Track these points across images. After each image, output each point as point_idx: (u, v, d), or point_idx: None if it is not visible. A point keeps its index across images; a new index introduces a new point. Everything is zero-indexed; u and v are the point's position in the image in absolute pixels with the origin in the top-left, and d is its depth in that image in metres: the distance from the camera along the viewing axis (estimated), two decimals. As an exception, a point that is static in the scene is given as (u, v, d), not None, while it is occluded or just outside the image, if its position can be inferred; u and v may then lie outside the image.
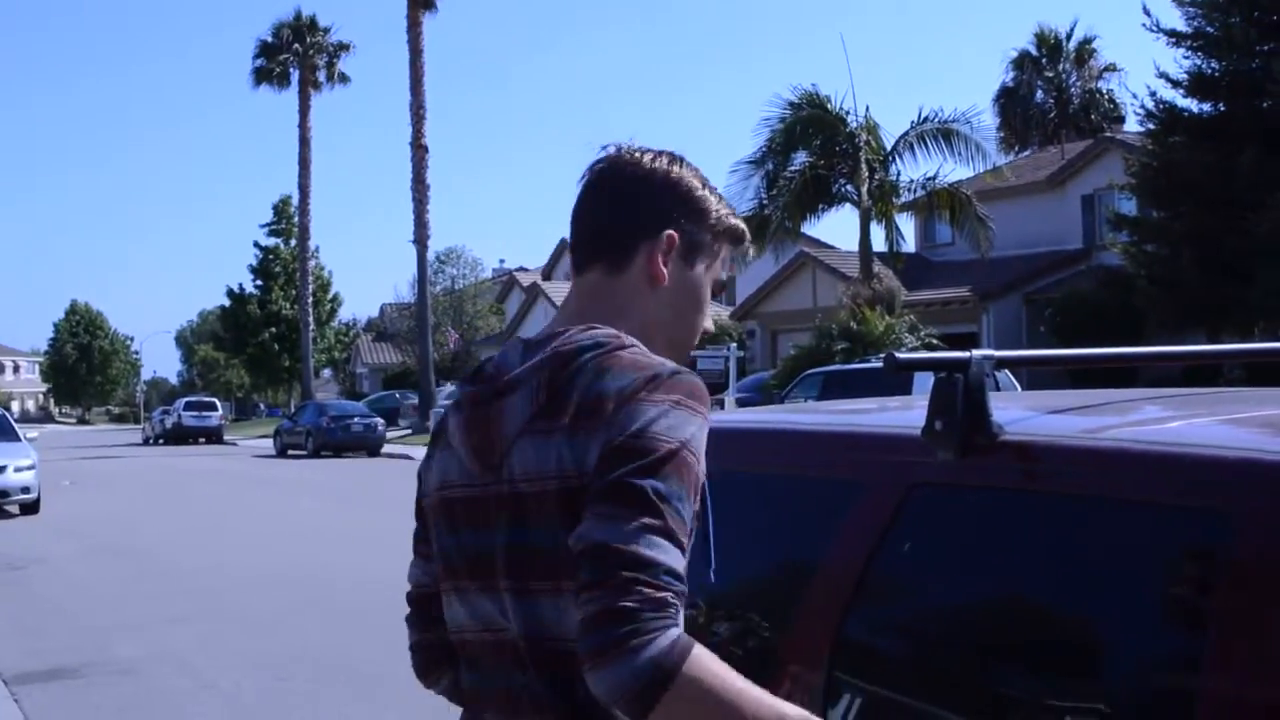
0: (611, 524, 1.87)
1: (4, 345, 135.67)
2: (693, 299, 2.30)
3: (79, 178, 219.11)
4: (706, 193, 2.31)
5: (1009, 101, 56.73)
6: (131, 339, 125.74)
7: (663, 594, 1.83)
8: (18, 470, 23.05)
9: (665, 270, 2.24)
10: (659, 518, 1.87)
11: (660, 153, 2.33)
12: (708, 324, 2.37)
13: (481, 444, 2.13)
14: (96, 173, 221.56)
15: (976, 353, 2.46)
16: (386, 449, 42.50)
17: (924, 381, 2.60)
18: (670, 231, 2.24)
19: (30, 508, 23.37)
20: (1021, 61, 57.34)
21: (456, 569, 2.20)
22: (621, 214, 2.28)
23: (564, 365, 2.08)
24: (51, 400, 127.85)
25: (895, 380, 14.23)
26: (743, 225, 2.37)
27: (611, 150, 2.34)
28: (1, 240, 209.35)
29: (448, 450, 2.23)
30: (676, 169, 2.30)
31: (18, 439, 24.43)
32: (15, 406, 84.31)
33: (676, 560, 1.87)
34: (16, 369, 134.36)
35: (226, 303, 76.84)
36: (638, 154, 2.31)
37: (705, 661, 1.82)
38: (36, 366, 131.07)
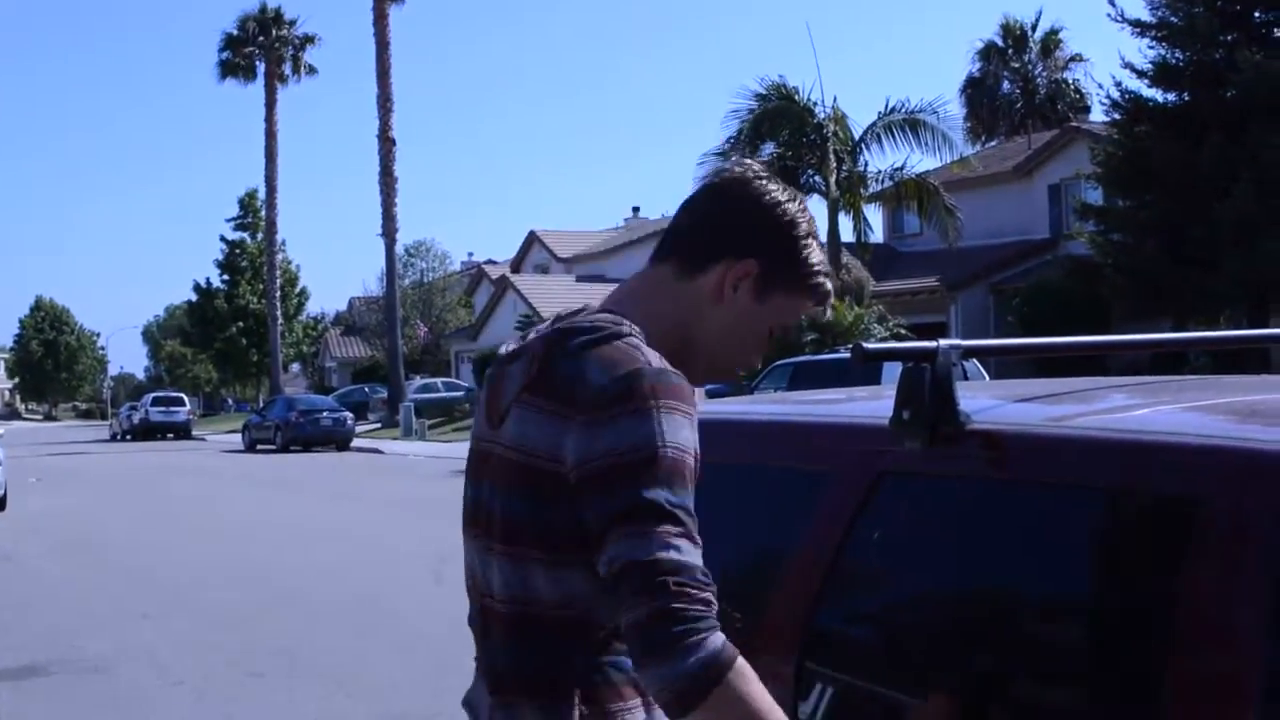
0: (642, 541, 1.95)
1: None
2: (748, 331, 2.31)
3: (40, 171, 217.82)
4: (811, 242, 2.32)
5: (976, 92, 56.92)
6: (98, 335, 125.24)
7: (705, 593, 1.94)
8: (-18, 467, 22.93)
9: (731, 293, 2.26)
10: (679, 524, 1.97)
11: (787, 189, 2.34)
12: (755, 360, 2.41)
13: (491, 403, 2.27)
14: (59, 166, 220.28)
15: (944, 342, 2.47)
16: (356, 443, 42.43)
17: (892, 371, 2.60)
18: (753, 259, 2.26)
19: (-4, 504, 23.25)
20: (988, 52, 57.54)
21: (468, 518, 2.33)
22: (722, 224, 2.31)
23: (557, 343, 2.16)
24: (17, 397, 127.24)
25: (864, 370, 14.27)
26: (830, 289, 2.39)
27: (746, 167, 2.38)
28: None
29: (479, 407, 2.36)
30: (793, 209, 2.31)
31: (-13, 435, 24.31)
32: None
33: (702, 561, 1.98)
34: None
35: (193, 298, 76.44)
36: (766, 180, 2.33)
37: (747, 669, 1.93)
38: (2, 363, 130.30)
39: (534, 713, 2.17)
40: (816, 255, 2.33)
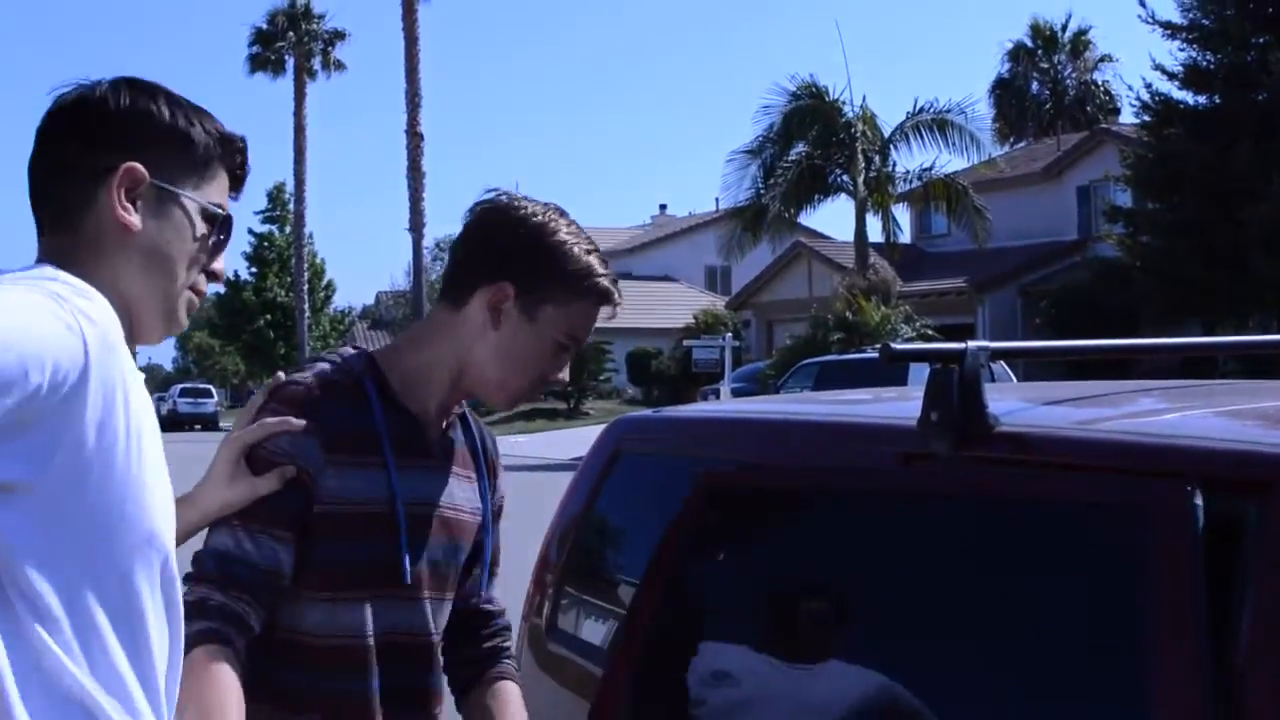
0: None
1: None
2: (526, 350, 2.36)
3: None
4: (569, 249, 2.32)
5: (1004, 93, 56.77)
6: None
7: None
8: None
9: (497, 317, 2.30)
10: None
11: (540, 205, 2.37)
12: (553, 374, 2.42)
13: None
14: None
15: (972, 344, 2.46)
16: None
17: (920, 372, 2.59)
18: (506, 281, 2.29)
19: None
20: (1017, 53, 57.37)
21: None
22: (473, 254, 2.37)
23: None
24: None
25: (891, 371, 14.21)
26: (607, 285, 2.37)
27: (497, 194, 2.40)
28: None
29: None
30: (539, 222, 2.32)
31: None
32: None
33: None
34: None
35: (221, 290, 76.69)
36: (514, 203, 2.37)
37: None
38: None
39: None
40: (577, 260, 2.32)
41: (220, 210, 1.91)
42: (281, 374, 2.37)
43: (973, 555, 2.56)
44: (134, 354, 1.83)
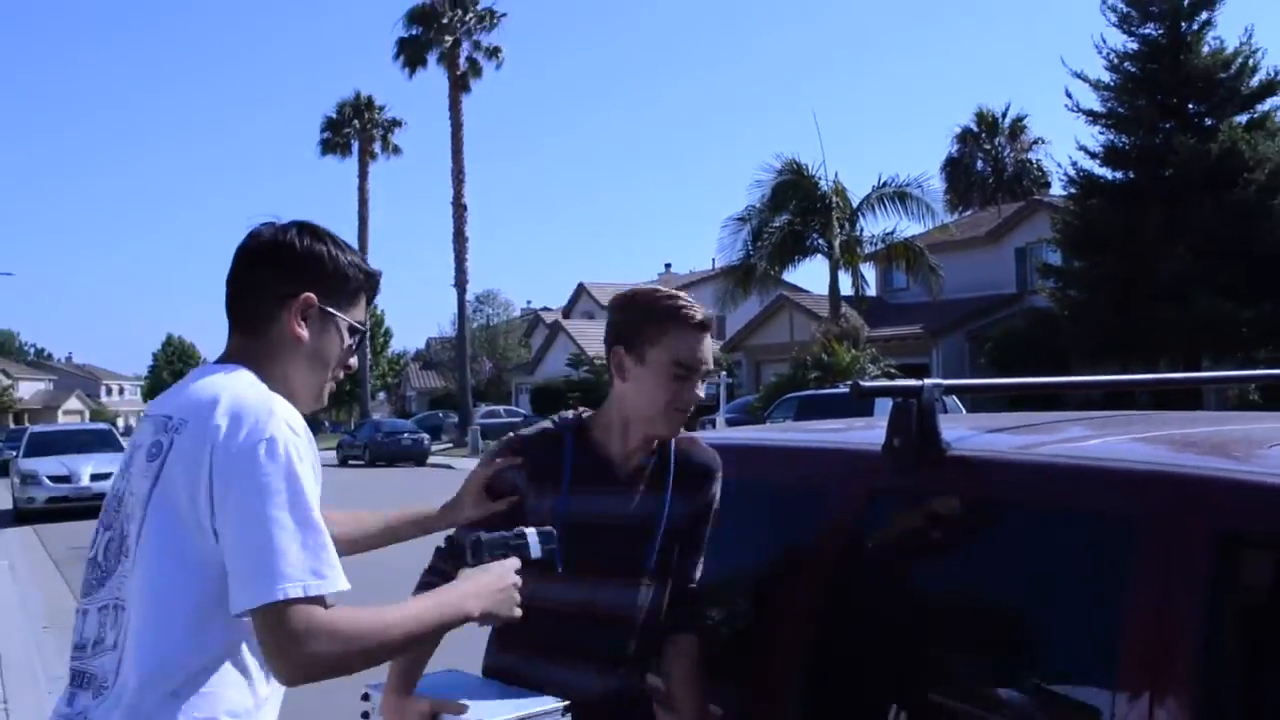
0: None
1: (111, 370, 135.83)
2: (649, 391, 2.56)
3: (173, 229, 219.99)
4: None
5: (954, 169, 56.76)
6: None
7: None
8: (122, 476, 23.11)
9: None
10: None
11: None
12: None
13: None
14: (188, 227, 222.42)
15: (928, 381, 2.47)
16: (431, 460, 42.45)
17: (884, 405, 2.61)
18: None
19: (133, 508, 23.38)
20: (964, 136, 57.41)
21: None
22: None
23: None
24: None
25: (859, 404, 14.21)
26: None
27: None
28: (108, 281, 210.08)
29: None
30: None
31: (122, 449, 24.50)
32: (120, 423, 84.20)
33: None
34: (121, 391, 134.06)
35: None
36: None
37: None
38: (139, 389, 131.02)
39: None
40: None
41: (361, 326, 2.23)
42: (511, 434, 2.74)
43: (921, 551, 2.58)
44: None
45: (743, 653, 2.73)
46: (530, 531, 2.41)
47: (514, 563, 2.28)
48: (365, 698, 2.51)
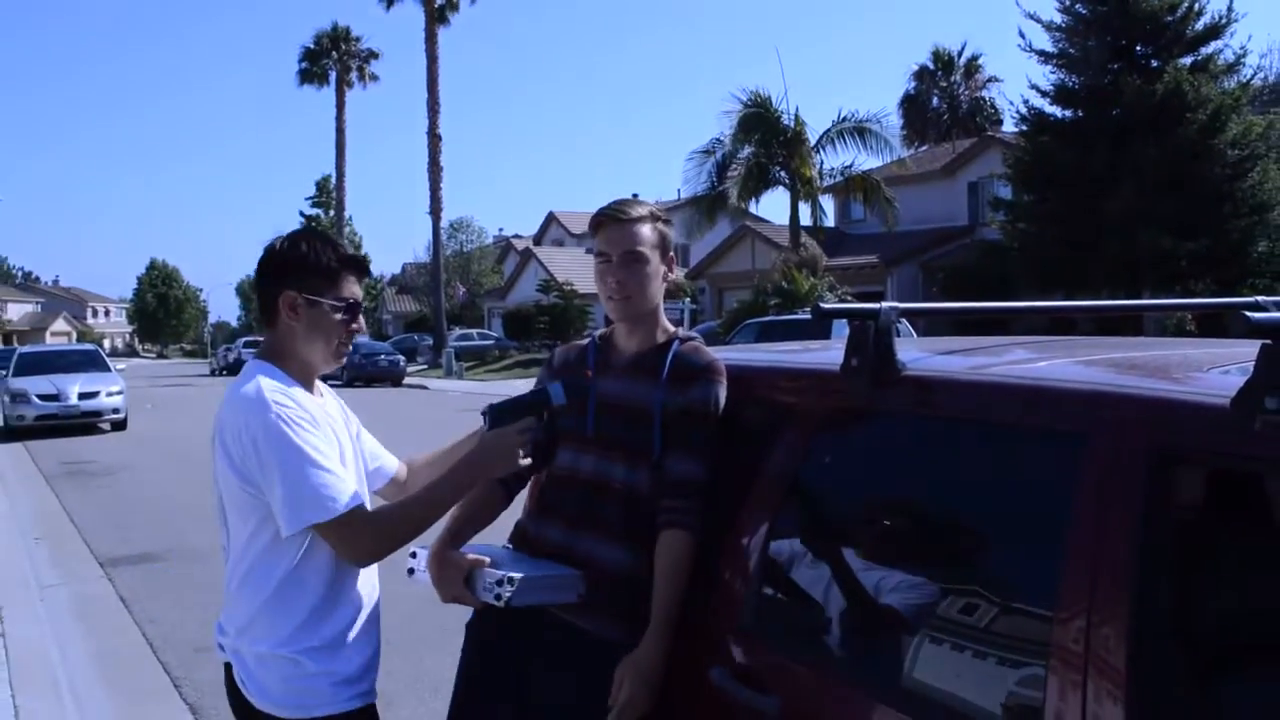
0: None
1: (97, 293, 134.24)
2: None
3: (157, 159, 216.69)
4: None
5: (911, 106, 56.49)
6: (200, 289, 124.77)
7: None
8: (109, 395, 23.10)
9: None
10: None
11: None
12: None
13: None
14: (172, 155, 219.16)
15: (885, 305, 2.48)
16: (407, 380, 42.37)
17: (840, 329, 2.61)
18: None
19: (120, 425, 23.39)
20: (921, 74, 57.09)
21: None
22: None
23: None
24: (135, 339, 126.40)
25: (818, 327, 14.28)
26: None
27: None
28: (95, 206, 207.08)
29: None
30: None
31: (109, 370, 24.44)
32: (106, 344, 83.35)
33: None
34: (107, 313, 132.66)
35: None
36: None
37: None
38: (123, 311, 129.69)
39: None
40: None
41: (342, 302, 2.69)
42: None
43: (875, 467, 2.60)
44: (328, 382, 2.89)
45: (705, 564, 2.76)
46: (548, 384, 2.79)
47: (525, 422, 2.73)
48: (413, 555, 2.82)
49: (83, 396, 22.59)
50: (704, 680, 2.58)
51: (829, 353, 2.82)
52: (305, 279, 2.66)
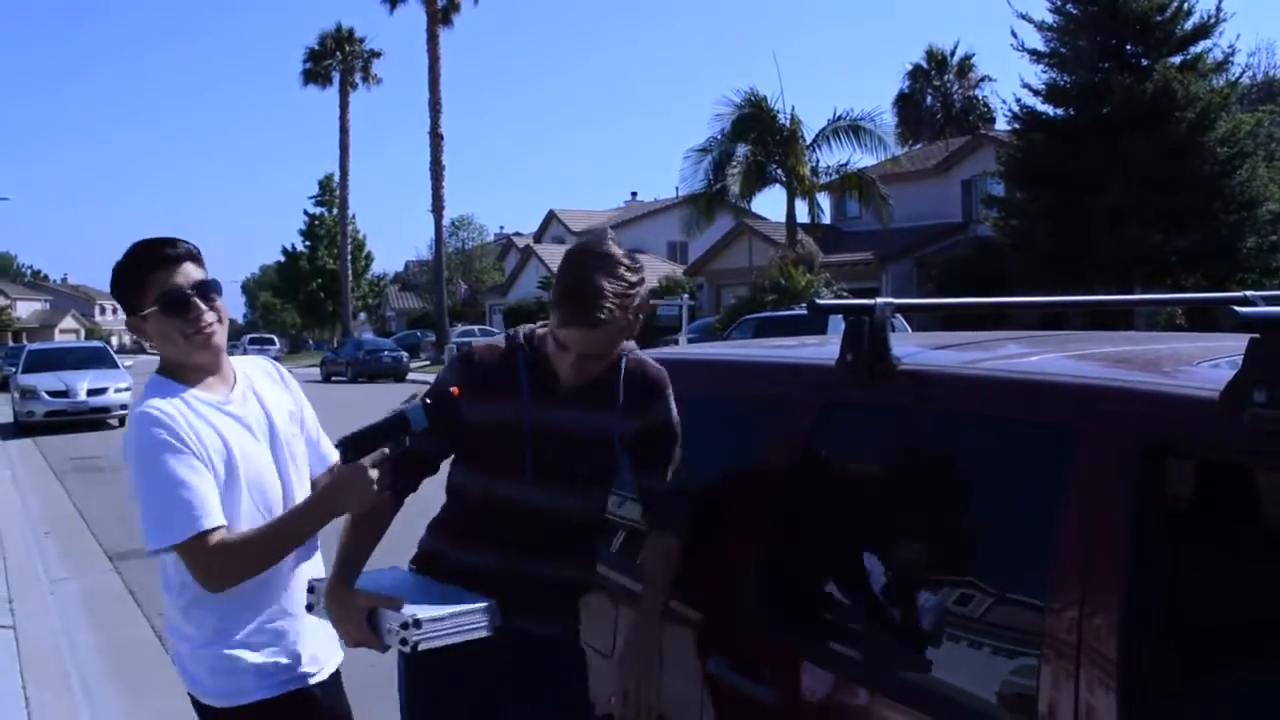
0: None
1: (104, 290, 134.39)
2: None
3: (167, 161, 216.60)
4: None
5: (905, 104, 56.44)
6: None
7: None
8: (117, 391, 23.08)
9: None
10: None
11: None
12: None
13: None
14: (184, 156, 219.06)
15: (880, 300, 2.48)
16: (410, 376, 42.38)
17: (836, 325, 2.61)
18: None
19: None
20: (915, 73, 57.05)
21: None
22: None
23: None
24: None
25: (814, 323, 14.28)
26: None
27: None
28: (102, 206, 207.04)
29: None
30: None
31: (117, 367, 24.41)
32: (114, 341, 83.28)
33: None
34: (115, 310, 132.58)
35: (282, 259, 75.91)
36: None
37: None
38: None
39: None
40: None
41: (153, 304, 2.57)
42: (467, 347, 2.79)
43: (871, 459, 2.60)
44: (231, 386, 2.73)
45: (706, 553, 2.76)
46: (407, 407, 2.53)
47: (376, 455, 2.54)
48: (310, 590, 2.65)
49: (91, 393, 22.56)
50: (703, 670, 2.58)
51: (826, 348, 2.82)
52: (128, 302, 2.63)
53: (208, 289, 2.63)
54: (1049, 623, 1.94)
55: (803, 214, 34.49)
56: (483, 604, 2.50)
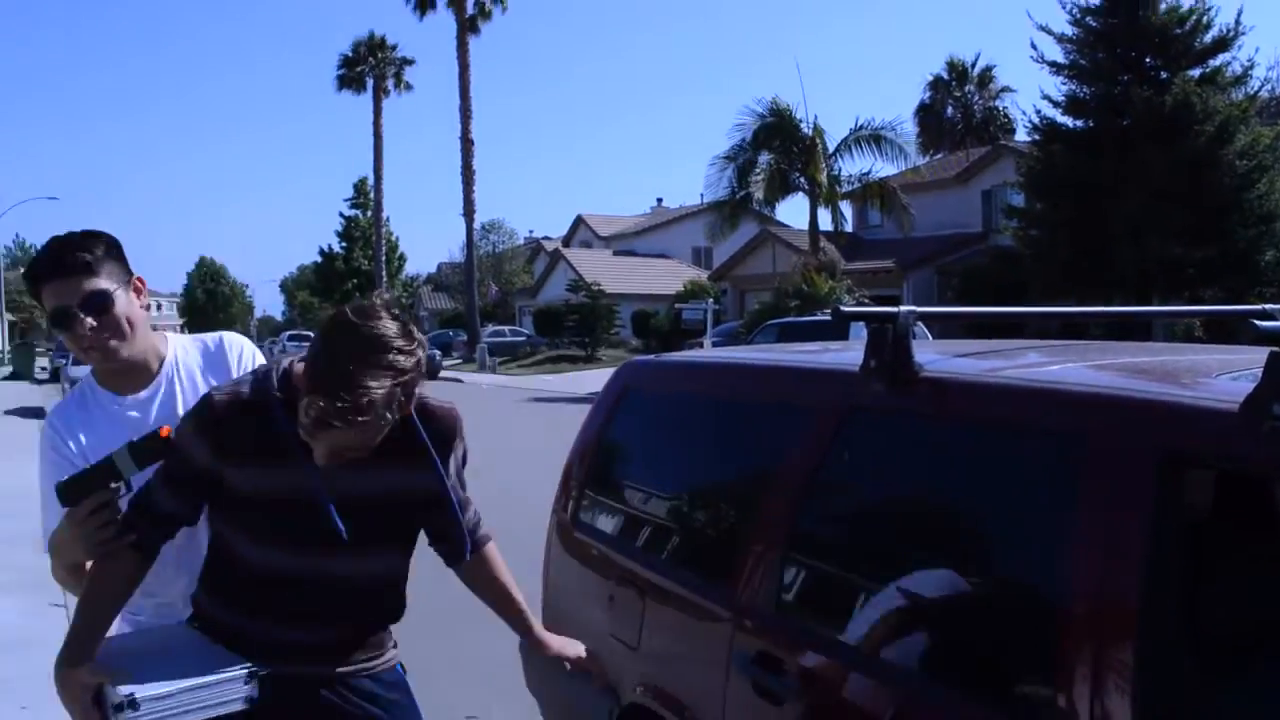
0: None
1: (150, 289, 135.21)
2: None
3: (206, 157, 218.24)
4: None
5: (926, 114, 56.19)
6: (247, 285, 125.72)
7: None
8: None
9: None
10: None
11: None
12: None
13: None
14: (220, 156, 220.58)
15: (903, 308, 2.46)
16: (442, 375, 42.55)
17: (858, 331, 2.59)
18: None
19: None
20: (936, 84, 56.80)
21: None
22: None
23: None
24: (186, 331, 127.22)
25: (836, 330, 14.24)
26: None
27: None
28: (148, 205, 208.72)
29: None
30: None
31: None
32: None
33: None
34: (160, 307, 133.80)
35: (319, 259, 76.41)
36: None
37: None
38: (175, 305, 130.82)
39: None
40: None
41: (48, 316, 2.46)
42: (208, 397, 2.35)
43: (892, 465, 2.58)
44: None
45: (728, 555, 2.75)
46: (116, 451, 2.27)
47: (96, 498, 2.27)
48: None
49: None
50: (726, 665, 2.57)
51: (848, 354, 2.81)
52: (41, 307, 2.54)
53: (96, 303, 2.44)
54: (1067, 628, 1.93)
55: (825, 221, 34.43)
56: (238, 672, 2.16)
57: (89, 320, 2.44)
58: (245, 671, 2.16)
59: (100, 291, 2.46)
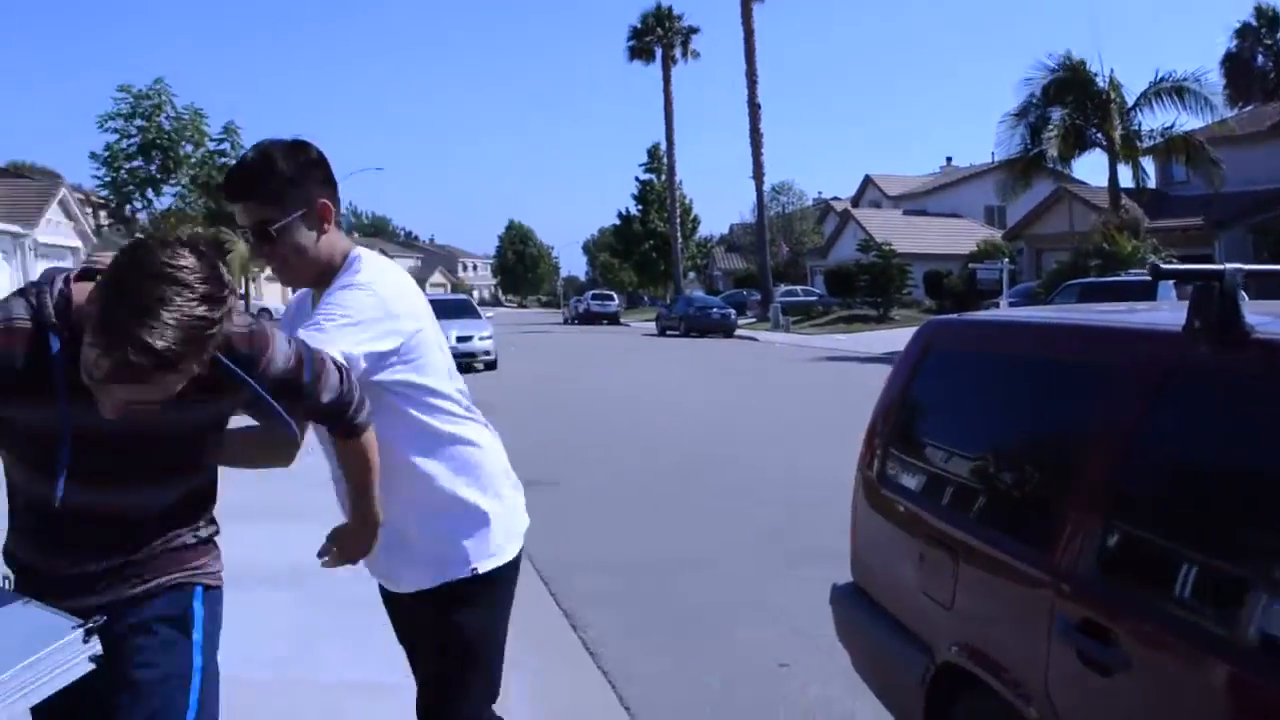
0: None
1: (467, 250, 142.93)
2: None
3: (513, 131, 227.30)
4: None
5: (1233, 64, 51.72)
6: (552, 247, 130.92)
7: None
8: (481, 339, 24.79)
9: None
10: None
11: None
12: None
13: None
14: (526, 129, 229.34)
15: (1230, 265, 2.32)
16: (738, 332, 42.91)
17: (1165, 292, 2.44)
18: None
19: (491, 365, 24.96)
20: (1243, 31, 52.23)
21: None
22: None
23: None
24: (499, 290, 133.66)
25: (1141, 290, 13.43)
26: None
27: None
28: (462, 173, 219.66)
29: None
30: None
31: (479, 317, 26.07)
32: (475, 294, 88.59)
33: None
34: (475, 267, 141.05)
35: (618, 222, 78.32)
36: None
37: None
38: (488, 266, 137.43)
39: None
40: None
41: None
42: None
43: (1217, 430, 2.42)
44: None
45: (1042, 517, 2.66)
46: None
47: None
48: None
49: (459, 339, 24.05)
50: (1048, 631, 2.50)
51: (1163, 314, 2.66)
52: None
53: (258, 233, 2.47)
54: None
55: (1126, 178, 32.41)
56: (73, 634, 1.88)
57: (262, 244, 2.48)
58: (81, 631, 1.90)
59: (261, 223, 2.47)
